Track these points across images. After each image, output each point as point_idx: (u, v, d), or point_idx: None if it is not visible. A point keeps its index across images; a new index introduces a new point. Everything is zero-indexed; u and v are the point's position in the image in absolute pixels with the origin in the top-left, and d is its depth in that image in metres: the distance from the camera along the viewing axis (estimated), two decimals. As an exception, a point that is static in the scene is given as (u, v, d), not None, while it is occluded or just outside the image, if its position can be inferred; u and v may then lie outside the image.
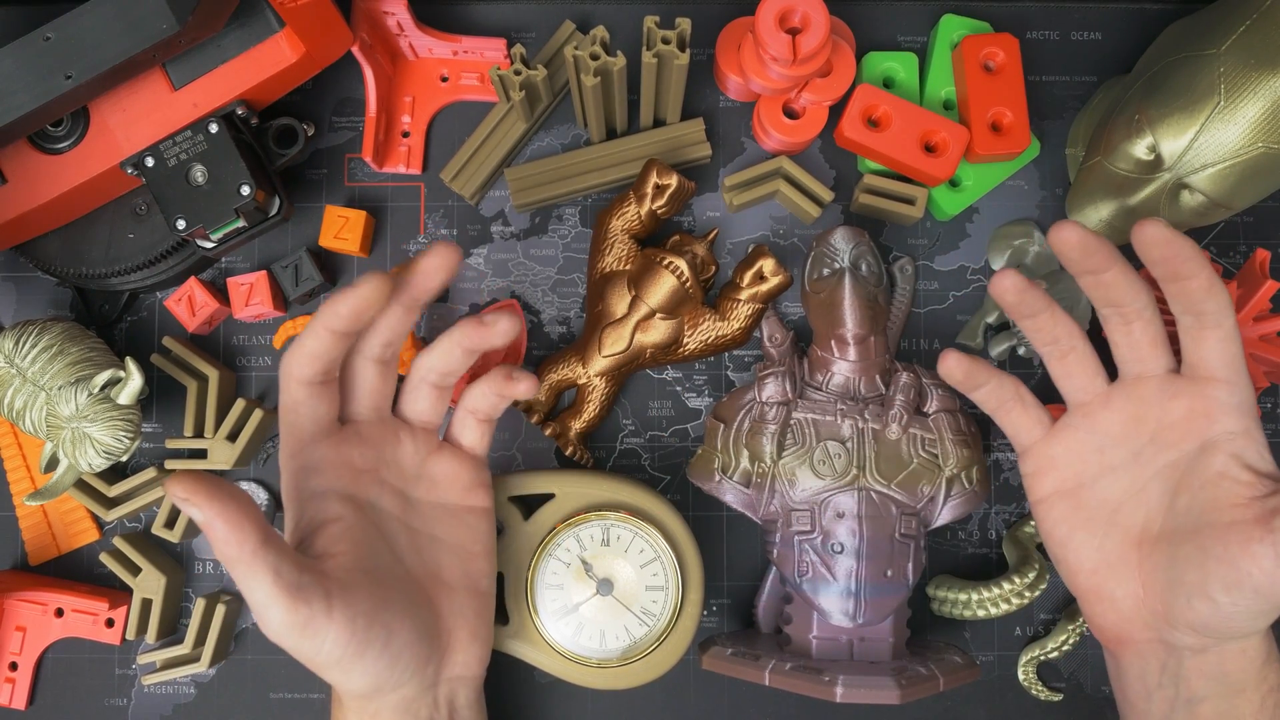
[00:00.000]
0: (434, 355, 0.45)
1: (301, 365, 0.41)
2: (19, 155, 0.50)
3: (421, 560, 0.44)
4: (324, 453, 0.42)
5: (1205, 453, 0.42)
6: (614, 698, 0.55)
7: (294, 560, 0.37)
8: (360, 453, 0.44)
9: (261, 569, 0.35)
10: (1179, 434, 0.43)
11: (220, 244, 0.51)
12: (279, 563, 0.36)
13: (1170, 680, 0.43)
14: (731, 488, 0.50)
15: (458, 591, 0.45)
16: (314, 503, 0.42)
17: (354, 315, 0.40)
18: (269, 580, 0.36)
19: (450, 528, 0.46)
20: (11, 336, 0.49)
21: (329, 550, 0.40)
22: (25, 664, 0.54)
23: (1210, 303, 0.41)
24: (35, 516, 0.56)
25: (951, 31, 0.55)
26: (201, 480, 0.35)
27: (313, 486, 0.42)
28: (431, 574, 0.45)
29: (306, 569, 0.37)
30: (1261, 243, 0.57)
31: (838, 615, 0.48)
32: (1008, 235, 0.56)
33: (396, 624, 0.40)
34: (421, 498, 0.46)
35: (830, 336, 0.51)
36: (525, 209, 0.56)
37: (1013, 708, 0.55)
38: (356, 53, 0.53)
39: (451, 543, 0.46)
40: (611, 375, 0.53)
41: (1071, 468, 0.45)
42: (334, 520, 0.41)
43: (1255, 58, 0.46)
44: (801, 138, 0.54)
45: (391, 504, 0.44)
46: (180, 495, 0.34)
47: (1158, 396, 0.43)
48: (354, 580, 0.39)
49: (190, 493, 0.34)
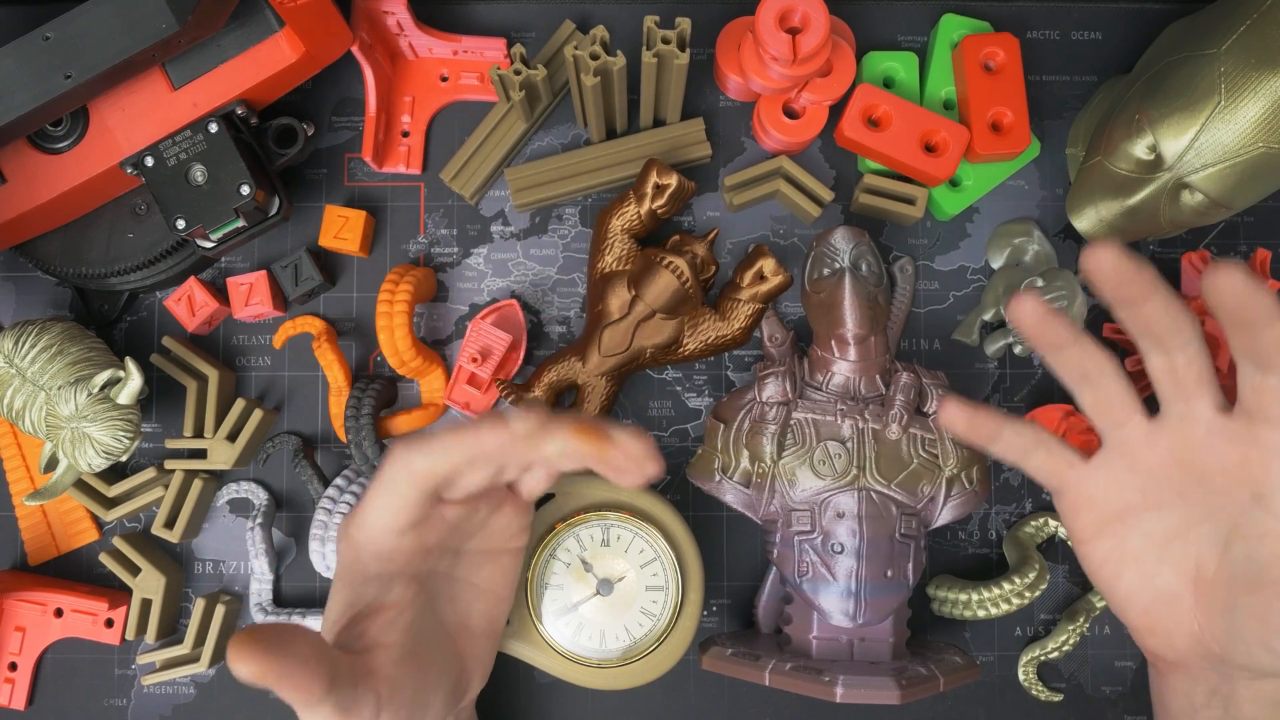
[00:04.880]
0: (564, 452, 0.37)
1: (426, 478, 0.37)
2: (19, 155, 0.50)
3: (455, 610, 0.43)
4: (404, 542, 0.39)
5: (1260, 504, 0.38)
6: (614, 698, 0.55)
7: (350, 679, 0.36)
8: (438, 534, 0.41)
9: (322, 710, 0.35)
10: (1230, 481, 0.38)
11: (220, 244, 0.51)
12: (339, 696, 0.35)
13: (1219, 702, 0.41)
14: (731, 488, 0.50)
15: (480, 638, 0.44)
16: (375, 586, 0.39)
17: (506, 457, 0.37)
18: (327, 714, 0.35)
19: (489, 573, 0.44)
20: (11, 336, 0.49)
21: (381, 640, 0.39)
22: (25, 664, 0.54)
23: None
24: (35, 516, 0.56)
25: (951, 31, 0.55)
26: (265, 654, 0.32)
27: (378, 571, 0.39)
28: (463, 624, 0.44)
29: (359, 678, 0.36)
30: (1261, 243, 0.57)
31: (838, 615, 0.48)
32: (1008, 234, 0.56)
33: (433, 698, 0.40)
34: (474, 548, 0.44)
35: (830, 336, 0.51)
36: (525, 209, 0.56)
37: (1013, 708, 0.55)
38: (356, 52, 0.53)
39: (485, 588, 0.44)
40: (611, 375, 0.53)
41: (1111, 506, 0.42)
42: (392, 604, 0.39)
43: (1256, 57, 0.46)
44: (801, 138, 0.54)
45: (445, 563, 0.43)
46: (247, 677, 0.32)
47: (1208, 440, 0.39)
48: (402, 674, 0.39)
49: (258, 675, 0.32)
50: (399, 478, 0.38)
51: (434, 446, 0.37)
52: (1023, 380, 0.56)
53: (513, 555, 0.45)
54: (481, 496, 0.41)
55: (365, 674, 0.37)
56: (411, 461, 0.37)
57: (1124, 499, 0.41)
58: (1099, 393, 0.40)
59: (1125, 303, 0.36)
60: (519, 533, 0.44)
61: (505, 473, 0.40)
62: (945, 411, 0.42)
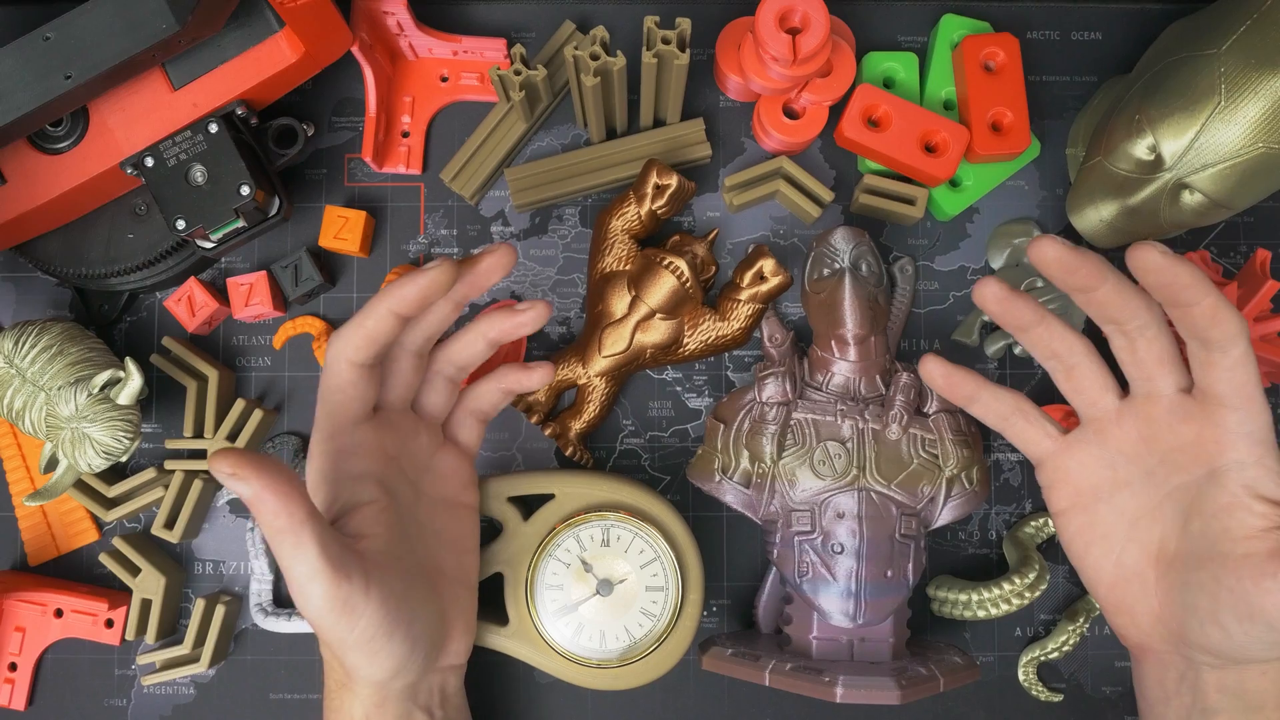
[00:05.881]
0: (455, 348, 0.46)
1: (358, 347, 0.41)
2: (19, 155, 0.50)
3: (427, 551, 0.45)
4: (364, 436, 0.43)
5: (1214, 481, 0.40)
6: (614, 698, 0.55)
7: (337, 536, 0.37)
8: (391, 440, 0.44)
9: (309, 541, 0.36)
10: (1188, 458, 0.41)
11: (220, 244, 0.51)
12: (324, 536, 0.36)
13: (1188, 689, 0.42)
14: (731, 488, 0.50)
15: (454, 584, 0.46)
16: (351, 484, 0.42)
17: (420, 300, 0.41)
18: (315, 553, 0.36)
19: (449, 522, 0.47)
20: (11, 337, 0.49)
21: (364, 531, 0.41)
22: (25, 664, 0.54)
23: (1216, 330, 0.37)
24: (35, 517, 0.55)
25: (951, 31, 0.55)
26: (245, 455, 0.35)
27: (350, 468, 0.42)
28: (435, 566, 0.45)
29: (347, 548, 0.38)
30: (1261, 243, 0.57)
31: (838, 615, 0.48)
32: (1007, 234, 0.56)
33: (419, 608, 0.42)
34: (427, 491, 0.46)
35: (830, 336, 0.51)
36: (525, 209, 0.56)
37: (1013, 708, 0.55)
38: (356, 53, 0.53)
39: (450, 537, 0.47)
40: (611, 375, 0.53)
41: (1086, 481, 0.44)
42: (369, 503, 0.42)
43: (1256, 58, 0.46)
44: (801, 138, 0.54)
45: (407, 495, 0.45)
46: (226, 471, 0.34)
47: (1167, 419, 0.41)
48: (387, 562, 0.40)
49: (236, 467, 0.34)
50: (336, 354, 0.42)
51: (356, 317, 0.42)
52: (1022, 380, 0.56)
53: (468, 510, 0.48)
54: (422, 424, 0.46)
55: (353, 549, 0.39)
56: (341, 337, 0.42)
57: (1097, 475, 0.44)
58: (1071, 372, 0.43)
59: (1077, 290, 0.39)
60: (467, 486, 0.48)
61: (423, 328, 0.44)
62: (925, 366, 0.45)
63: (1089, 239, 0.53)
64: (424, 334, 0.44)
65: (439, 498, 0.47)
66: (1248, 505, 0.39)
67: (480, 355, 0.46)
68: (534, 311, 0.44)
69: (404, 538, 0.43)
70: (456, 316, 0.45)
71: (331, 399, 0.42)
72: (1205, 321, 0.37)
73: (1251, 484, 0.39)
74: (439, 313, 0.44)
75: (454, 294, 0.43)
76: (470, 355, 0.46)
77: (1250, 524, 0.39)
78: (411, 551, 0.44)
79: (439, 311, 0.44)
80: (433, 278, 0.41)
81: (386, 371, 0.45)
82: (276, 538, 0.36)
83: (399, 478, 0.45)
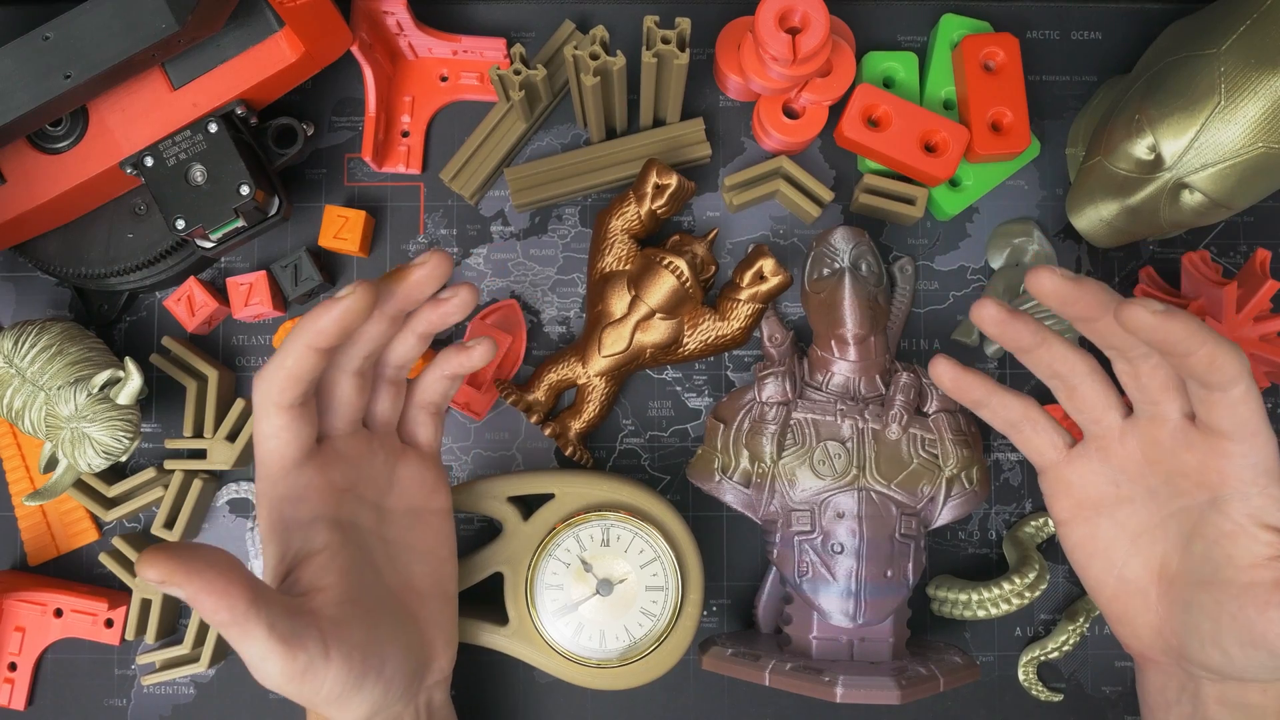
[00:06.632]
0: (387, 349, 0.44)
1: (283, 389, 0.39)
2: (18, 155, 0.50)
3: (396, 572, 0.44)
4: (308, 478, 0.41)
5: (1218, 507, 0.39)
6: (614, 698, 0.55)
7: (285, 609, 0.36)
8: (340, 471, 0.42)
9: (255, 628, 0.34)
10: (1191, 484, 0.40)
11: (219, 244, 0.51)
12: (271, 617, 0.35)
13: (1189, 700, 0.42)
14: (731, 488, 0.50)
15: (430, 599, 0.45)
16: (299, 532, 0.40)
17: (340, 330, 0.38)
18: (263, 636, 0.34)
19: (420, 534, 0.45)
20: (10, 336, 0.49)
21: (316, 584, 0.39)
22: (24, 664, 0.54)
23: (1215, 374, 0.36)
24: (34, 517, 0.55)
25: (951, 31, 0.55)
26: (174, 555, 0.32)
27: (296, 515, 0.40)
28: (406, 585, 0.44)
29: (298, 614, 0.36)
30: (1261, 243, 0.57)
31: (838, 615, 0.48)
32: (1007, 234, 0.56)
33: (389, 649, 0.40)
34: (392, 506, 0.45)
35: (830, 336, 0.51)
36: (525, 209, 0.56)
37: (1013, 708, 0.55)
38: (356, 52, 0.53)
39: (422, 549, 0.45)
40: (611, 375, 0.53)
41: (1087, 494, 0.44)
42: (320, 550, 0.40)
43: (1255, 57, 0.46)
44: (801, 138, 0.54)
45: (369, 519, 0.43)
46: (155, 579, 0.32)
47: (1171, 443, 0.41)
48: (345, 614, 0.39)
49: (166, 573, 0.32)
50: (261, 399, 0.39)
51: (275, 357, 0.39)
52: (1023, 380, 0.56)
53: (439, 516, 0.46)
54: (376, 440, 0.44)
55: (306, 612, 0.37)
56: (263, 380, 0.39)
57: (1099, 489, 0.43)
58: (1073, 392, 0.42)
59: (1076, 320, 0.39)
60: (435, 490, 0.46)
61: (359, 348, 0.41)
62: (935, 367, 0.44)
63: (1089, 239, 0.53)
64: (361, 354, 0.41)
65: (405, 510, 0.45)
66: (1253, 534, 0.38)
67: (414, 349, 0.43)
68: (480, 349, 0.43)
69: (366, 574, 0.41)
70: (397, 330, 0.42)
71: (265, 447, 0.40)
72: (1203, 368, 0.36)
73: (1257, 513, 0.38)
74: (372, 331, 0.41)
75: (387, 309, 0.41)
76: (403, 352, 0.43)
77: (1255, 552, 0.38)
78: (378, 583, 0.42)
79: (373, 329, 0.41)
80: (346, 306, 0.38)
81: (327, 398, 0.42)
82: (221, 630, 0.34)
83: (356, 507, 0.43)
